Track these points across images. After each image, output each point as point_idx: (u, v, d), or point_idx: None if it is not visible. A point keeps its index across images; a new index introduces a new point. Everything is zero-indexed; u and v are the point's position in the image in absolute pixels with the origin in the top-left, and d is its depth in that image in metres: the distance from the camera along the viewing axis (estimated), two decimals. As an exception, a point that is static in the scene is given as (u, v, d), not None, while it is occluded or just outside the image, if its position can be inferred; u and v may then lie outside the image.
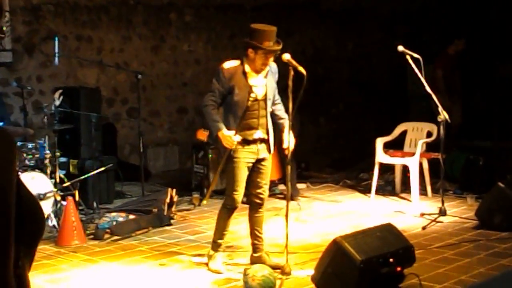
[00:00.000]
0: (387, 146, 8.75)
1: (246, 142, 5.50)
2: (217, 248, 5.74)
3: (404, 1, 12.67)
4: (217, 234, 5.75)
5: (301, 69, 5.24)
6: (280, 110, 5.72)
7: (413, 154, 8.40)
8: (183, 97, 10.99)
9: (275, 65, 5.53)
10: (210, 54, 11.13)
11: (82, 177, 7.51)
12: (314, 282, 5.07)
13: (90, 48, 9.96)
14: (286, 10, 11.28)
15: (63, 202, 6.87)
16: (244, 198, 5.70)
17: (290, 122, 5.48)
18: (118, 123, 10.17)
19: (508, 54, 11.31)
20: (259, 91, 5.48)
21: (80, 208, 7.29)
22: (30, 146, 7.12)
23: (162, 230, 7.12)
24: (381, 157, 8.59)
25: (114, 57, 10.14)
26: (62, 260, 6.06)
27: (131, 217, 7.30)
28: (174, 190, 7.57)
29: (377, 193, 8.71)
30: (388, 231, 5.25)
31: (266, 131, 5.57)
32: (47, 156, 7.06)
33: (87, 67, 9.90)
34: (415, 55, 7.31)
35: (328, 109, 12.47)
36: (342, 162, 10.61)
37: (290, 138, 5.53)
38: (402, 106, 11.75)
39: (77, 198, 7.17)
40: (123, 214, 7.37)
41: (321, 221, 7.55)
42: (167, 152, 10.81)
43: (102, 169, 7.74)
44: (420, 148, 8.38)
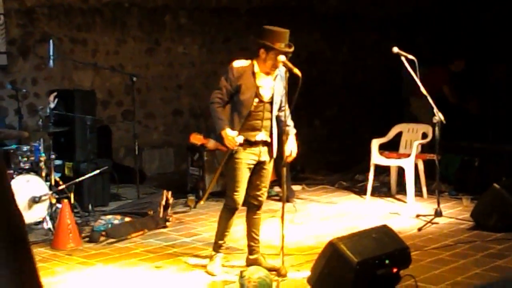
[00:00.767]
0: (382, 148, 8.76)
1: (248, 143, 5.48)
2: (217, 249, 5.73)
3: (397, 4, 12.69)
4: (218, 234, 5.74)
5: (296, 71, 5.22)
6: (286, 116, 5.50)
7: (408, 156, 8.41)
8: (178, 99, 10.98)
9: (284, 69, 5.41)
10: (204, 57, 11.13)
11: (78, 179, 7.49)
12: (310, 284, 5.08)
13: (85, 50, 9.95)
14: (281, 13, 11.27)
15: (59, 205, 6.86)
16: None
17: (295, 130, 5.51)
18: (113, 126, 10.15)
19: (501, 56, 11.34)
20: (266, 93, 5.46)
21: (75, 210, 7.29)
22: (25, 149, 7.11)
23: (158, 232, 7.12)
24: (376, 158, 8.60)
25: (109, 59, 10.13)
26: (58, 263, 6.05)
27: (127, 219, 7.29)
28: (170, 193, 7.56)
29: (372, 194, 8.73)
30: (384, 233, 5.25)
31: (270, 134, 5.56)
32: (42, 159, 7.05)
33: (82, 70, 9.89)
34: (410, 56, 7.32)
35: (323, 111, 12.48)
36: (337, 164, 10.62)
37: (293, 146, 5.53)
38: (397, 108, 11.76)
39: (72, 201, 7.16)
40: (119, 217, 7.35)
41: (316, 223, 7.56)
42: (162, 154, 10.80)
43: (97, 171, 7.72)
44: (415, 149, 8.39)
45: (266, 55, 5.35)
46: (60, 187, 7.25)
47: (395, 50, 7.35)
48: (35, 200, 6.81)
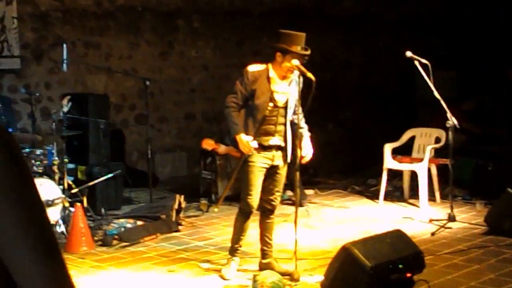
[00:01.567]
0: (395, 152, 8.73)
1: (262, 147, 5.48)
2: (233, 252, 5.73)
3: (411, 6, 12.66)
4: (233, 238, 5.75)
5: (309, 75, 5.22)
6: (300, 120, 5.53)
7: (421, 160, 8.38)
8: (191, 103, 10.99)
9: (298, 73, 5.42)
10: (217, 60, 11.14)
11: (91, 183, 7.51)
12: (323, 289, 5.06)
13: (98, 54, 9.98)
14: (294, 16, 11.26)
15: (71, 209, 6.87)
16: None
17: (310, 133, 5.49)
18: (126, 129, 10.17)
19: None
20: (281, 98, 5.46)
21: (88, 214, 7.29)
22: (38, 152, 7.13)
23: (171, 236, 7.12)
24: (389, 163, 8.57)
25: (122, 63, 10.15)
26: (71, 266, 6.05)
27: (139, 223, 7.30)
28: (182, 196, 7.57)
29: (385, 199, 8.70)
30: (397, 237, 5.24)
31: (284, 139, 5.55)
32: (55, 162, 7.06)
33: (95, 74, 9.92)
34: (423, 61, 7.30)
35: (336, 115, 12.44)
36: (350, 168, 10.59)
37: (309, 147, 5.53)
38: (410, 112, 11.71)
39: (85, 205, 7.17)
40: (131, 221, 7.37)
41: (329, 227, 7.54)
42: (175, 158, 10.81)
43: (110, 175, 7.74)
44: (428, 153, 8.35)
45: (283, 59, 5.35)
46: (73, 191, 7.26)
47: (409, 54, 7.33)
48: (48, 203, 6.82)
